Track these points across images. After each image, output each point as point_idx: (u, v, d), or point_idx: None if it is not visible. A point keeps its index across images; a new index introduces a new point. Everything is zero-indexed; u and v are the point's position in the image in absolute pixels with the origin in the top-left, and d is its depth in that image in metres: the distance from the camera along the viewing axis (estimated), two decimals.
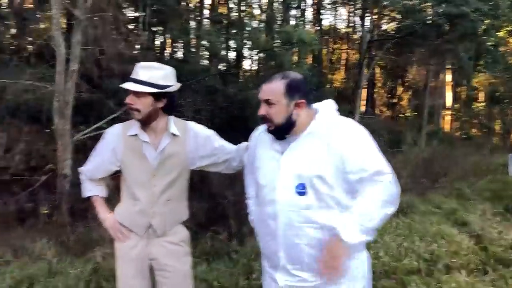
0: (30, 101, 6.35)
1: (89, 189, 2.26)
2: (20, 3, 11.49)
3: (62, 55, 5.71)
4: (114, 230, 2.19)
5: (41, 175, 5.84)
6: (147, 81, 2.00)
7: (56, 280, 3.35)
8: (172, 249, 2.18)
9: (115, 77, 9.06)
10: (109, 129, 2.19)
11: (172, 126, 2.13)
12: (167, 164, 2.11)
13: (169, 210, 2.16)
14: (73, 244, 4.57)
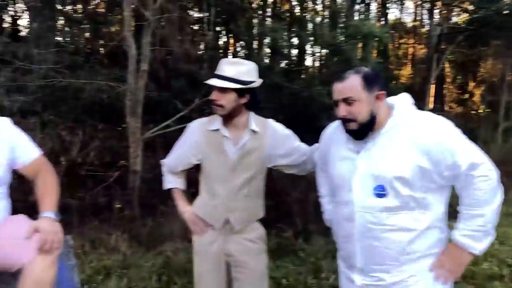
0: (104, 100, 6.65)
1: (170, 181, 2.35)
2: (93, 8, 12.12)
3: (134, 56, 5.94)
4: (193, 223, 2.24)
5: (114, 171, 6.10)
6: (231, 77, 2.03)
7: (130, 272, 3.48)
8: (249, 246, 2.20)
9: (181, 77, 9.33)
10: (191, 123, 2.26)
11: (252, 123, 2.15)
12: (246, 160, 2.14)
13: (246, 206, 2.18)
14: (144, 238, 4.74)
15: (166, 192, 6.12)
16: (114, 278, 3.34)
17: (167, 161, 2.34)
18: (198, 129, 2.20)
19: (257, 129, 2.15)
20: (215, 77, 2.06)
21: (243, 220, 2.19)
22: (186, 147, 2.23)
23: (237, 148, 2.13)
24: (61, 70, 6.77)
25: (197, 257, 2.26)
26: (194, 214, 2.24)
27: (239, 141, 2.13)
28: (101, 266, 3.57)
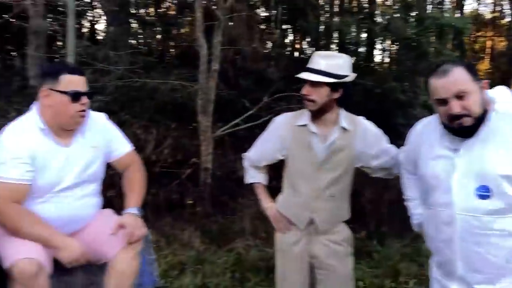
0: (177, 100, 6.84)
1: (252, 175, 2.30)
2: (165, 11, 12.55)
3: (205, 56, 6.05)
4: (276, 220, 2.19)
5: (186, 168, 6.25)
6: (325, 71, 1.96)
7: (204, 268, 3.52)
8: (334, 248, 2.12)
9: (249, 75, 9.40)
10: (277, 117, 2.22)
11: (343, 120, 2.06)
12: (334, 159, 2.05)
13: (331, 207, 2.10)
14: (215, 234, 4.80)
15: (236, 190, 6.19)
16: (189, 274, 3.40)
17: (250, 155, 2.29)
18: (284, 124, 2.14)
19: (347, 126, 2.05)
20: (306, 70, 1.99)
21: (327, 221, 2.11)
22: (270, 141, 2.17)
23: (325, 145, 2.04)
24: (136, 71, 7.07)
25: (280, 256, 2.21)
26: (277, 211, 2.19)
27: (327, 138, 2.05)
28: (176, 261, 3.65)
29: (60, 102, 1.91)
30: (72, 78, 1.92)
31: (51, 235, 1.86)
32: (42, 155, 1.91)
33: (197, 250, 4.02)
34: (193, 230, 4.61)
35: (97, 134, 2.10)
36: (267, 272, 3.38)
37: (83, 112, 1.95)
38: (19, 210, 1.86)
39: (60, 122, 1.95)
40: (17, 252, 1.76)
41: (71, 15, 5.98)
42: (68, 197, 1.99)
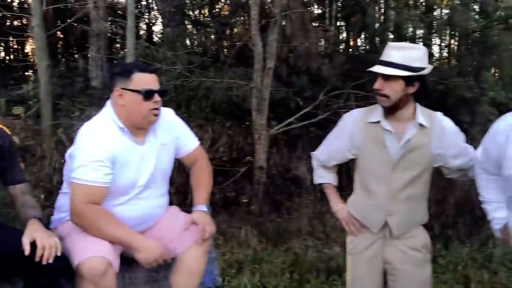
0: (233, 99, 6.87)
1: (321, 175, 2.21)
2: (219, 11, 12.68)
3: (260, 54, 6.03)
4: (347, 222, 2.09)
5: (241, 166, 6.25)
6: (400, 63, 1.82)
7: (261, 267, 3.48)
8: (411, 255, 1.98)
9: (302, 74, 9.28)
10: (347, 114, 2.10)
11: (420, 115, 1.91)
12: (410, 158, 1.91)
13: (408, 210, 1.96)
14: (270, 233, 4.76)
15: (291, 188, 6.11)
16: (247, 273, 3.37)
17: (318, 154, 2.19)
18: (354, 121, 2.01)
19: (425, 123, 1.89)
20: (379, 63, 1.87)
21: (403, 225, 1.97)
22: (340, 140, 2.05)
23: (401, 144, 1.90)
24: (192, 70, 7.16)
25: (351, 259, 2.10)
26: (349, 213, 2.08)
27: (402, 136, 1.90)
28: (233, 260, 3.63)
29: (133, 101, 1.90)
30: (144, 76, 1.92)
31: (130, 236, 1.87)
32: (122, 154, 1.91)
33: (254, 249, 3.99)
34: (249, 229, 4.59)
35: (166, 132, 2.08)
36: (328, 274, 3.29)
37: (156, 110, 1.94)
38: (97, 211, 1.86)
39: (134, 121, 1.94)
40: (85, 250, 1.77)
41: (130, 17, 6.14)
42: (142, 198, 2.00)
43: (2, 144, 1.95)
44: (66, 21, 8.29)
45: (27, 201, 1.95)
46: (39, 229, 1.78)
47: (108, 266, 1.76)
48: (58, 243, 1.74)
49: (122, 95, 1.92)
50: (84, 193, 1.85)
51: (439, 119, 1.94)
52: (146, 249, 1.85)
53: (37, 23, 5.53)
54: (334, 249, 3.88)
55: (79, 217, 1.86)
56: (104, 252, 1.78)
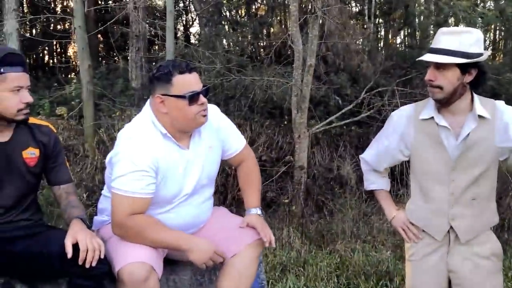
0: (273, 97, 6.76)
1: (372, 181, 2.03)
2: (255, 11, 12.64)
3: (300, 51, 5.89)
4: (405, 230, 1.91)
5: (281, 166, 6.13)
6: (454, 50, 1.64)
7: (306, 270, 3.35)
8: (480, 263, 1.79)
9: (342, 71, 9.08)
10: (396, 111, 1.93)
11: (478, 106, 1.72)
12: (471, 155, 1.73)
13: (474, 212, 1.78)
14: (314, 235, 4.61)
15: (333, 189, 5.93)
16: (291, 276, 3.25)
17: (367, 158, 2.01)
18: (405, 119, 1.84)
19: (486, 114, 1.70)
20: (430, 51, 1.70)
21: (471, 230, 1.79)
22: (389, 141, 1.89)
23: (460, 140, 1.73)
24: (230, 69, 7.11)
25: (411, 267, 1.91)
26: (407, 219, 1.91)
27: (460, 131, 1.74)
28: (276, 262, 3.51)
29: (177, 108, 1.75)
30: (185, 78, 1.76)
31: (179, 239, 1.77)
32: (166, 162, 1.79)
33: (298, 251, 3.85)
34: (291, 230, 4.46)
35: (212, 132, 1.96)
36: (378, 278, 3.11)
37: (203, 111, 1.80)
38: (141, 221, 1.75)
39: (181, 127, 1.82)
40: (126, 256, 1.68)
41: (170, 17, 6.14)
42: (188, 204, 1.90)
43: (47, 143, 1.90)
44: (106, 23, 8.41)
45: (71, 201, 1.89)
46: (82, 230, 1.70)
47: (150, 271, 1.66)
48: (101, 245, 1.67)
49: (164, 101, 1.77)
50: (125, 205, 1.74)
51: (501, 108, 1.74)
52: (198, 248, 1.75)
53: (79, 25, 5.61)
54: (382, 252, 3.69)
55: (122, 229, 1.76)
56: (146, 257, 1.68)
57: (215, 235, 1.93)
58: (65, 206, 1.88)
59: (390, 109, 5.56)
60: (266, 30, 12.28)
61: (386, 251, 3.74)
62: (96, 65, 9.04)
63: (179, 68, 1.76)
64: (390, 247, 3.83)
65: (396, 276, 3.10)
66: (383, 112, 5.88)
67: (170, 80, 1.74)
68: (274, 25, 12.36)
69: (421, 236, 1.86)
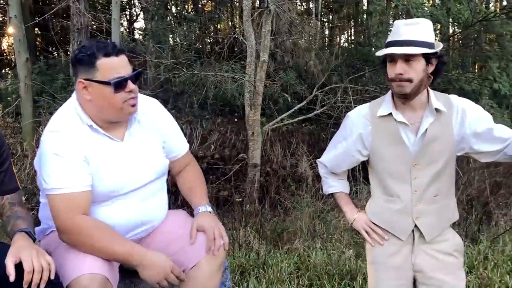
0: (222, 93, 6.62)
1: (331, 184, 1.94)
2: (203, 6, 12.44)
3: (253, 46, 5.77)
4: (368, 232, 1.83)
5: (234, 164, 6.01)
6: (420, 40, 1.58)
7: (267, 273, 3.23)
8: (444, 260, 1.74)
9: (291, 69, 9.08)
10: (351, 112, 1.84)
11: (434, 100, 1.67)
12: (431, 150, 1.68)
13: (437, 209, 1.73)
14: (270, 234, 4.52)
15: (287, 186, 5.86)
16: (252, 279, 3.12)
17: (325, 161, 1.93)
18: (362, 118, 1.77)
19: (442, 107, 1.66)
20: (393, 44, 1.62)
21: (435, 227, 1.74)
22: (349, 142, 1.82)
23: (418, 135, 1.69)
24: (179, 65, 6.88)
25: (374, 270, 1.84)
26: (369, 221, 1.84)
27: (419, 126, 1.69)
28: (235, 265, 3.37)
29: (102, 95, 1.57)
30: (111, 61, 1.56)
31: (131, 251, 1.56)
32: (97, 154, 1.62)
33: (256, 251, 3.73)
34: (247, 229, 4.34)
35: (152, 123, 1.76)
36: (340, 278, 3.05)
37: (132, 100, 1.61)
38: (88, 224, 1.56)
39: (107, 117, 1.63)
40: (76, 267, 1.47)
41: (115, 9, 5.82)
42: (129, 201, 1.69)
43: None
44: (44, 15, 7.90)
45: (16, 211, 1.59)
46: (26, 247, 1.41)
47: (104, 284, 1.46)
48: (51, 263, 1.39)
49: (87, 87, 1.58)
50: (63, 205, 1.54)
51: (456, 101, 1.70)
52: (153, 264, 1.55)
53: (15, 14, 5.18)
54: (341, 250, 3.65)
55: (67, 234, 1.55)
56: (99, 268, 1.48)
57: (173, 243, 1.73)
58: (8, 217, 1.59)
59: (343, 106, 5.59)
60: (213, 26, 12.11)
61: (344, 248, 3.70)
62: (34, 60, 8.48)
63: (104, 50, 1.56)
64: (347, 244, 3.81)
65: (358, 274, 3.06)
66: (335, 109, 5.91)
67: (94, 64, 1.55)
68: (222, 21, 12.22)
69: (386, 237, 1.79)
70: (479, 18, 4.85)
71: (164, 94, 7.43)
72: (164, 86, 7.39)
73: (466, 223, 4.22)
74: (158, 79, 7.20)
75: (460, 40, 7.04)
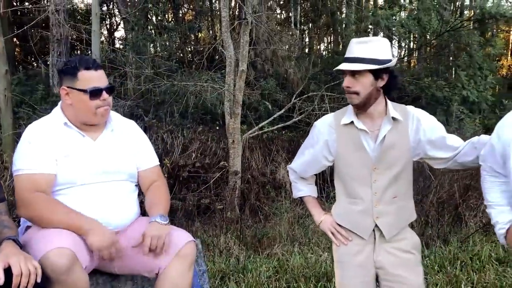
0: (203, 102, 6.71)
1: (300, 189, 2.10)
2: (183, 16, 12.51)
3: (232, 56, 5.89)
4: (333, 233, 1.97)
5: (215, 172, 6.09)
6: (366, 57, 1.75)
7: (247, 277, 3.33)
8: (403, 257, 1.88)
9: (272, 77, 9.23)
10: (318, 121, 2.00)
11: (392, 110, 1.83)
12: (389, 156, 1.83)
13: (395, 210, 1.87)
14: (250, 240, 4.61)
15: (267, 193, 5.95)
16: (232, 283, 3.21)
17: (294, 167, 2.09)
18: (328, 127, 1.93)
19: (398, 116, 1.82)
20: (345, 61, 1.80)
21: (394, 226, 1.89)
22: (316, 148, 1.97)
23: (377, 142, 1.84)
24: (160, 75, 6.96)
25: (340, 269, 1.97)
26: (334, 223, 1.98)
27: (378, 133, 1.84)
28: (216, 269, 3.46)
29: (80, 100, 1.87)
30: (90, 74, 1.87)
31: (80, 218, 1.75)
32: (66, 146, 1.87)
33: (236, 257, 3.83)
34: (228, 236, 4.43)
35: (126, 134, 2.04)
36: (316, 280, 3.17)
37: (104, 107, 1.90)
38: (45, 199, 1.77)
39: (82, 119, 1.91)
40: (46, 244, 1.60)
41: (95, 20, 5.89)
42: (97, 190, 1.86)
43: None
44: (23, 26, 7.88)
45: (3, 221, 1.71)
46: (14, 253, 1.52)
47: (73, 258, 1.57)
48: (38, 267, 1.50)
49: (68, 93, 1.89)
50: (26, 183, 1.78)
51: (412, 111, 1.88)
52: (100, 232, 1.73)
53: None
54: (319, 253, 3.77)
55: (25, 207, 1.77)
56: (67, 243, 1.60)
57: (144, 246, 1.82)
58: None
59: (320, 114, 5.73)
60: (194, 35, 12.19)
61: (322, 252, 3.82)
62: (13, 70, 8.45)
63: (85, 64, 1.88)
64: (325, 248, 3.93)
65: (334, 276, 3.18)
66: (313, 117, 6.06)
67: (75, 74, 1.86)
68: (203, 30, 12.31)
69: (350, 238, 1.92)
70: (447, 29, 5.08)
71: (145, 104, 7.49)
72: (145, 96, 7.45)
73: (438, 225, 4.37)
74: (139, 89, 7.26)
75: (431, 49, 7.32)
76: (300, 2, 11.36)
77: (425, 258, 3.75)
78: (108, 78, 2.02)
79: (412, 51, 9.27)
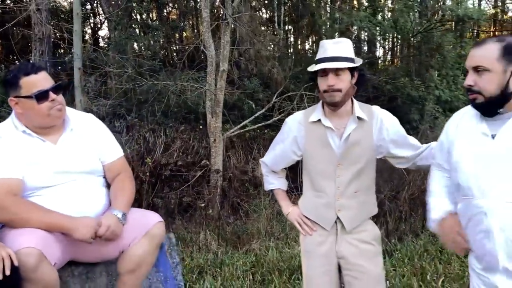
0: (184, 101, 6.77)
1: (270, 182, 2.23)
2: (167, 15, 12.52)
3: (213, 56, 5.98)
4: (300, 223, 2.10)
5: (196, 170, 6.17)
6: (343, 56, 1.87)
7: (223, 271, 3.43)
8: (363, 248, 2.00)
9: (254, 77, 9.32)
10: (289, 118, 2.12)
11: (357, 109, 1.96)
12: (353, 153, 1.95)
13: (357, 204, 2.00)
14: (229, 236, 4.72)
15: (248, 191, 6.05)
16: (208, 277, 3.31)
17: (266, 161, 2.21)
18: (297, 123, 2.05)
19: (364, 116, 1.94)
20: (325, 61, 1.89)
21: (355, 219, 2.00)
22: (285, 144, 2.09)
23: (343, 139, 1.95)
24: (142, 74, 7.00)
25: (305, 258, 2.09)
26: (301, 214, 2.10)
27: (343, 131, 1.96)
28: (194, 265, 3.56)
29: (29, 107, 1.88)
30: (31, 79, 1.88)
31: (59, 219, 1.82)
32: (28, 153, 1.89)
33: (214, 253, 3.93)
34: (208, 233, 4.52)
35: (86, 131, 2.08)
36: (290, 273, 3.29)
37: (56, 107, 1.92)
38: (18, 201, 1.81)
39: (39, 124, 1.93)
40: (14, 244, 1.66)
41: (77, 19, 5.92)
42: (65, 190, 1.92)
43: None
44: (5, 24, 7.85)
45: None
46: None
47: (39, 257, 1.65)
48: (11, 253, 1.60)
49: (18, 103, 1.90)
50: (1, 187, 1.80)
51: (377, 111, 2.00)
52: (81, 225, 1.82)
53: None
54: (294, 248, 3.89)
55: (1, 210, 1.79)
56: (34, 243, 1.67)
57: None
58: None
59: None
60: (178, 34, 12.23)
61: (298, 246, 3.95)
62: None
63: (24, 70, 1.88)
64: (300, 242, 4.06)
65: None
66: None
67: (17, 83, 1.87)
68: (187, 29, 12.35)
69: (315, 228, 2.04)
70: (419, 30, 5.23)
71: (128, 103, 7.53)
72: (127, 95, 7.48)
73: (411, 219, 4.53)
74: (121, 88, 7.30)
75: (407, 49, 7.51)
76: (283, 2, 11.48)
77: (397, 251, 3.90)
78: (90, 77, 2.08)
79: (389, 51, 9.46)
